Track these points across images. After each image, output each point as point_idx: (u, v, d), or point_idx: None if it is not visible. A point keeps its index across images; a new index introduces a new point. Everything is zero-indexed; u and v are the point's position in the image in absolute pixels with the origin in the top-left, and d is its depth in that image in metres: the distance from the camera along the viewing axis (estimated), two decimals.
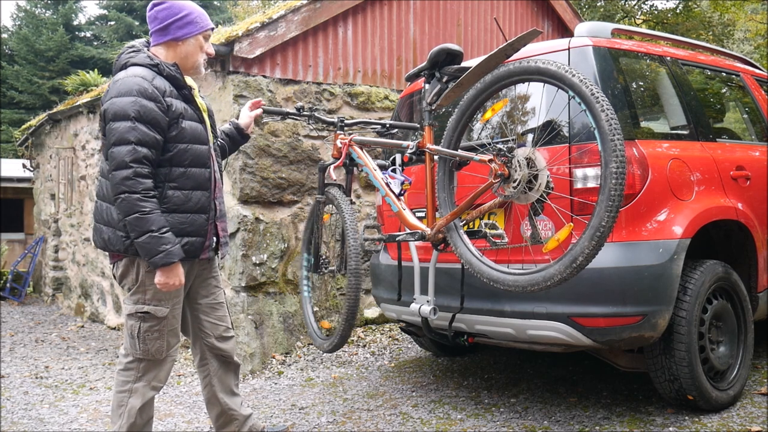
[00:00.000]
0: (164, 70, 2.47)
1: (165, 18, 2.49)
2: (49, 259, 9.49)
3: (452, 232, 2.76)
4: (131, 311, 2.51)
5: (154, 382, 2.56)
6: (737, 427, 2.89)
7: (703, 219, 2.98)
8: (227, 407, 2.81)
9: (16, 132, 11.52)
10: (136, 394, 2.51)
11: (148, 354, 2.52)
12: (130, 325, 2.53)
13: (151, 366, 2.54)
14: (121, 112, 2.32)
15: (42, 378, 4.92)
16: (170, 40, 2.51)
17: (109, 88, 2.43)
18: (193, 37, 2.53)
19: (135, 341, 2.50)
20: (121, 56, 2.53)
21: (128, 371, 2.54)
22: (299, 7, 5.33)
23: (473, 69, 2.59)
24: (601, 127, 2.25)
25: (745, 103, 3.93)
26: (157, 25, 2.51)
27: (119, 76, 2.43)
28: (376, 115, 5.82)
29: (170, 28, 2.50)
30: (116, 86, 2.38)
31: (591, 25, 3.19)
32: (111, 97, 2.37)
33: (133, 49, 2.52)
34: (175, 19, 2.49)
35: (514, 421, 3.21)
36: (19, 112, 21.34)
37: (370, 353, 4.92)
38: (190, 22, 2.51)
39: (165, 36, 2.51)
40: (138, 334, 2.49)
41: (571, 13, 7.56)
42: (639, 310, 2.77)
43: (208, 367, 2.78)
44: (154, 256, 2.35)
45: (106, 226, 2.46)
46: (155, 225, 2.33)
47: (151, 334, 2.50)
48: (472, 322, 3.19)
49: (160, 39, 2.52)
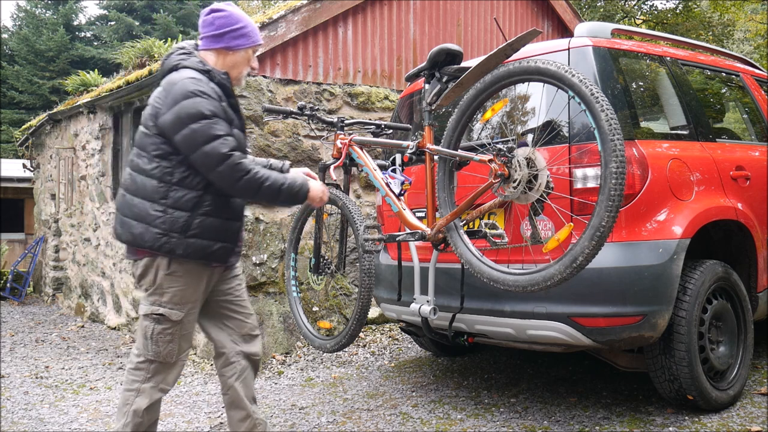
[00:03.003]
0: (216, 77, 2.50)
1: (221, 26, 2.52)
2: (50, 259, 9.49)
3: (452, 232, 2.76)
4: (147, 312, 2.50)
5: (162, 384, 2.56)
6: (737, 427, 2.89)
7: (702, 219, 2.98)
8: (252, 411, 2.75)
9: (17, 132, 11.52)
10: (143, 395, 2.51)
11: (159, 356, 2.51)
12: (144, 326, 2.51)
13: (161, 368, 2.54)
14: (196, 113, 2.35)
15: (42, 378, 4.93)
16: (222, 48, 2.54)
17: (166, 90, 2.41)
18: (244, 50, 2.57)
19: (148, 342, 2.50)
20: (171, 57, 2.53)
21: (138, 371, 2.53)
22: (299, 7, 5.33)
23: (473, 69, 2.59)
24: (601, 127, 2.25)
25: (744, 103, 3.93)
26: (212, 31, 2.53)
27: (174, 78, 2.42)
28: (376, 115, 5.83)
29: (225, 36, 2.52)
30: (178, 89, 2.37)
31: (591, 26, 3.19)
32: (177, 101, 2.36)
33: (184, 51, 2.52)
34: (231, 29, 2.52)
35: (514, 421, 3.21)
36: (20, 112, 21.32)
37: (370, 353, 4.92)
38: (245, 35, 2.55)
39: (217, 43, 2.53)
40: (151, 335, 2.49)
41: (571, 13, 7.56)
42: (639, 310, 2.77)
43: (235, 369, 2.71)
44: (300, 196, 2.55)
45: (137, 221, 2.43)
46: (278, 180, 2.48)
47: (164, 336, 2.49)
48: (472, 322, 3.19)
49: (211, 45, 2.54)
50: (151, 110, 2.45)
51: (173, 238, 2.40)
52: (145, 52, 6.92)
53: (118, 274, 7.18)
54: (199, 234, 2.43)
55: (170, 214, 2.39)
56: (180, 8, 22.57)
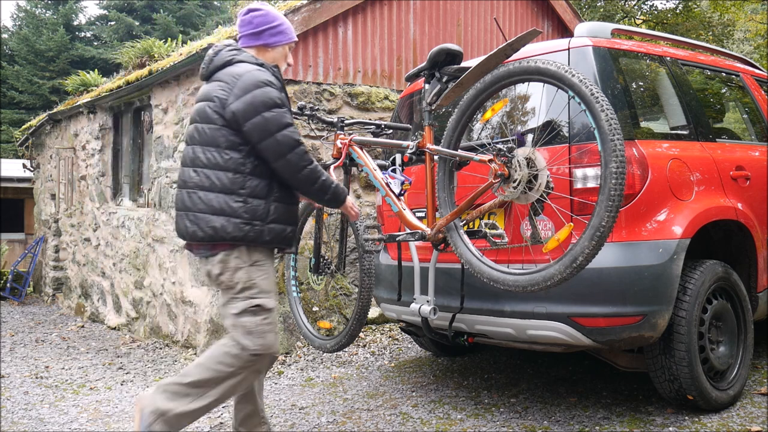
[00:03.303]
0: (269, 69, 2.59)
1: (259, 24, 2.64)
2: (50, 259, 9.49)
3: (452, 232, 2.76)
4: (243, 308, 2.48)
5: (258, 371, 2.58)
6: (737, 427, 2.89)
7: (702, 219, 2.98)
8: (260, 408, 2.76)
9: (17, 132, 11.52)
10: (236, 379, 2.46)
11: (267, 348, 2.49)
12: (242, 323, 2.47)
13: (262, 359, 2.52)
14: (269, 101, 2.45)
15: (42, 378, 4.93)
16: (261, 45, 2.65)
17: (230, 81, 2.47)
18: (281, 46, 2.70)
19: (252, 338, 2.46)
20: (221, 53, 2.60)
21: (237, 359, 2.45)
22: (299, 7, 5.33)
23: (473, 69, 2.59)
24: (601, 127, 2.26)
25: (744, 103, 3.93)
26: (251, 29, 2.65)
27: (238, 70, 2.48)
28: (376, 115, 5.83)
29: (263, 34, 2.64)
30: (247, 79, 2.45)
31: (591, 26, 3.19)
32: (248, 90, 2.44)
33: (234, 47, 2.61)
34: (269, 26, 2.64)
35: (514, 421, 3.21)
36: (20, 112, 21.32)
37: (370, 353, 4.92)
38: (282, 32, 2.68)
39: (256, 40, 2.65)
40: (254, 329, 2.47)
41: (571, 13, 7.56)
42: (639, 310, 2.77)
43: None
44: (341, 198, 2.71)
45: (216, 215, 2.45)
46: (330, 179, 2.65)
47: (265, 326, 2.50)
48: (472, 322, 3.19)
49: (250, 42, 2.65)
50: (216, 103, 2.49)
51: (256, 225, 2.46)
52: (145, 52, 6.92)
53: (118, 274, 7.18)
54: (275, 219, 2.52)
55: (250, 203, 2.46)
56: (180, 8, 22.57)
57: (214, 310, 5.19)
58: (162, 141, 6.15)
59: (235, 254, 2.49)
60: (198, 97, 2.63)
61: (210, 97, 2.52)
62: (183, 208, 2.53)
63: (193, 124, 2.58)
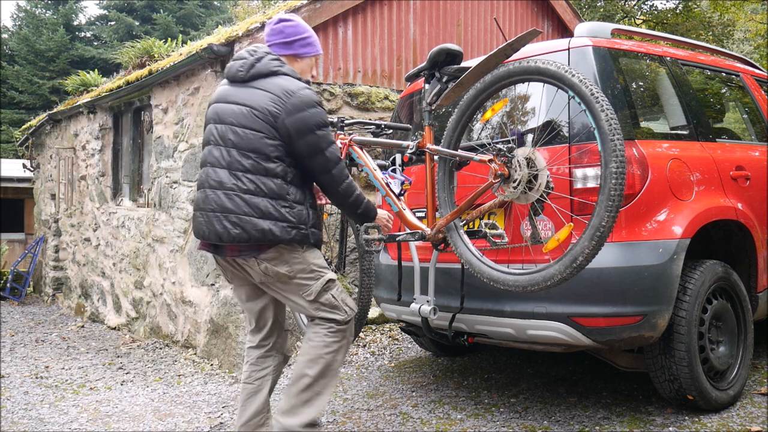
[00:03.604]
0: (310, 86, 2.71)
1: (291, 34, 2.74)
2: (50, 259, 9.50)
3: (452, 232, 2.76)
4: (318, 289, 2.62)
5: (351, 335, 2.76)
6: (737, 427, 2.89)
7: (702, 219, 2.98)
8: (268, 409, 2.80)
9: (17, 132, 11.52)
10: (342, 351, 2.67)
11: (352, 311, 2.70)
12: (325, 302, 2.64)
13: (352, 324, 2.73)
14: (321, 121, 2.59)
15: (42, 378, 4.93)
16: (291, 55, 2.74)
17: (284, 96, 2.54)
18: (309, 58, 2.80)
19: (341, 306, 2.66)
20: (264, 61, 2.63)
21: (337, 333, 2.65)
22: (299, 7, 5.34)
23: (473, 69, 2.59)
24: (601, 127, 2.26)
25: (745, 103, 3.93)
26: (282, 38, 2.73)
27: (289, 86, 2.56)
28: (376, 115, 5.83)
29: (294, 44, 2.74)
30: (302, 97, 2.56)
31: (591, 26, 3.19)
32: (302, 109, 2.55)
33: (275, 57, 2.67)
34: (300, 37, 2.75)
35: (514, 421, 3.21)
36: (20, 112, 21.31)
37: (370, 353, 4.92)
38: (311, 44, 2.79)
39: (287, 50, 2.73)
40: (337, 299, 2.66)
41: (571, 13, 7.56)
42: (639, 310, 2.77)
43: (270, 362, 2.83)
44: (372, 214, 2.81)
45: (264, 220, 2.51)
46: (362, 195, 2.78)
47: (342, 293, 2.70)
48: (472, 322, 3.19)
49: (281, 51, 2.73)
50: (265, 114, 2.55)
51: (302, 229, 2.58)
52: (145, 52, 6.92)
53: (118, 274, 7.18)
54: (314, 224, 2.66)
55: (295, 208, 2.57)
56: (180, 8, 22.56)
57: (214, 310, 5.19)
58: (162, 141, 6.15)
59: (288, 247, 2.59)
60: (229, 97, 2.63)
61: (255, 105, 2.56)
62: (222, 210, 2.54)
63: (226, 125, 2.59)
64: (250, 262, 2.60)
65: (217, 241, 2.56)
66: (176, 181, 5.86)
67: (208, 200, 2.57)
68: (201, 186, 2.63)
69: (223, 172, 2.55)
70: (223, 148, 2.58)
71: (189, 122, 5.69)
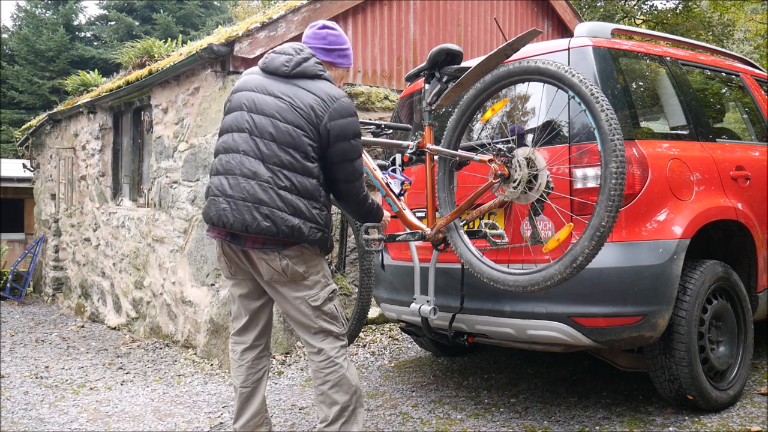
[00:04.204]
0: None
1: (332, 43, 2.78)
2: (50, 259, 9.49)
3: (452, 232, 2.76)
4: (325, 297, 2.64)
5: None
6: (737, 427, 2.89)
7: (702, 219, 2.98)
8: (265, 408, 2.83)
9: (17, 132, 11.51)
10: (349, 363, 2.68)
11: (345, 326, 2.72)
12: (327, 311, 2.65)
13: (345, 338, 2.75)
14: (356, 132, 2.63)
15: (42, 378, 4.93)
16: (328, 62, 2.78)
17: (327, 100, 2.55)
18: (343, 69, 2.85)
19: (340, 318, 2.69)
20: (311, 62, 2.64)
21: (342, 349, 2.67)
22: (299, 7, 5.33)
23: (473, 69, 2.59)
24: (601, 127, 2.26)
25: (745, 103, 3.93)
26: (324, 44, 2.77)
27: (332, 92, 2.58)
28: (376, 115, 5.83)
29: (333, 53, 2.78)
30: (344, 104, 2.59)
31: (591, 25, 3.19)
32: (343, 116, 2.57)
33: (318, 61, 2.68)
34: (340, 47, 2.79)
35: (514, 421, 3.21)
36: (20, 112, 21.30)
37: (370, 353, 4.92)
38: (347, 56, 2.83)
39: (326, 56, 2.77)
40: (336, 312, 2.68)
41: (571, 13, 7.56)
42: (639, 310, 2.77)
43: (264, 363, 2.84)
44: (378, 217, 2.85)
45: (295, 217, 2.51)
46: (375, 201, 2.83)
47: (339, 307, 2.72)
48: (472, 322, 3.19)
49: (321, 56, 2.76)
50: (310, 114, 2.54)
51: (326, 233, 2.61)
52: (145, 52, 6.92)
53: (118, 274, 7.18)
54: (331, 228, 2.69)
55: (324, 210, 2.61)
56: (180, 8, 22.56)
57: (214, 310, 5.19)
58: (162, 141, 6.15)
59: (310, 248, 2.61)
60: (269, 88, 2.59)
61: (300, 102, 2.54)
62: (254, 200, 2.48)
63: (266, 117, 2.53)
64: (271, 256, 2.55)
65: (242, 230, 2.48)
66: (176, 181, 5.85)
67: (239, 188, 2.49)
68: (230, 172, 2.53)
69: (257, 163, 2.50)
70: (258, 139, 2.52)
71: (189, 122, 5.69)
